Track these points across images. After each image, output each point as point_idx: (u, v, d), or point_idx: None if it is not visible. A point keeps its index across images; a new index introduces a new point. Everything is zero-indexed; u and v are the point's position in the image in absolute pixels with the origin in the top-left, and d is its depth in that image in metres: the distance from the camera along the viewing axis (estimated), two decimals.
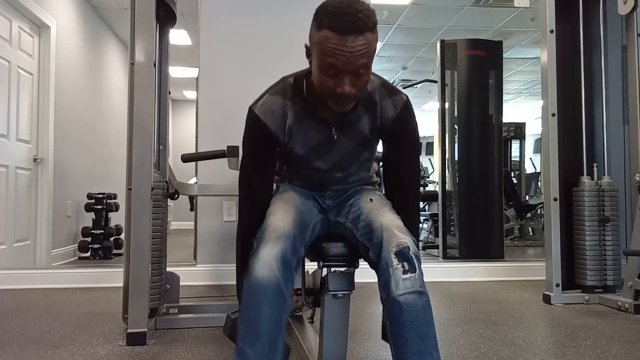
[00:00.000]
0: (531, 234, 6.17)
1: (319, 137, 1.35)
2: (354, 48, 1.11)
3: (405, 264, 1.16)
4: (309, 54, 1.21)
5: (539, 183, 7.13)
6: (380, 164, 1.47)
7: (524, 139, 6.82)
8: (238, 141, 1.33)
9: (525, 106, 11.08)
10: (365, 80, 1.18)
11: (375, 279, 1.21)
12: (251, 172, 1.34)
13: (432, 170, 8.14)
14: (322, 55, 1.14)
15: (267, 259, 1.15)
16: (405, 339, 1.12)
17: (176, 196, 2.30)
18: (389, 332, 1.17)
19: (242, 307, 1.16)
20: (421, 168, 6.87)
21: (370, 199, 1.39)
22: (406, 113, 1.35)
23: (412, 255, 1.17)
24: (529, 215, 6.13)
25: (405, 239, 1.20)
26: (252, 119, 1.31)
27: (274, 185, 1.51)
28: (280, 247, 1.17)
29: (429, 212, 5.71)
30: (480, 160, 4.04)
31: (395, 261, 1.17)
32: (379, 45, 6.95)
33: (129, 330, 1.92)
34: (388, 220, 1.26)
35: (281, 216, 1.26)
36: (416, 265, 1.17)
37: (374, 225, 1.26)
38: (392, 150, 1.38)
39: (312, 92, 1.29)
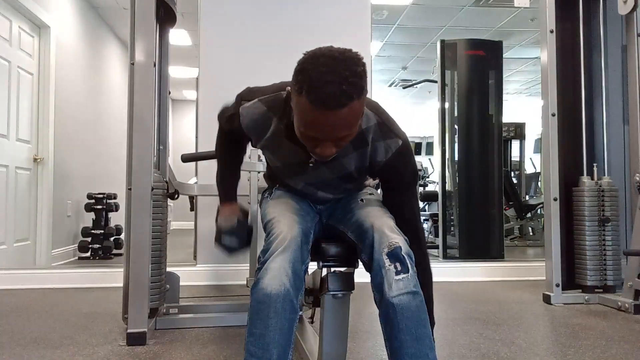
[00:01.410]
0: (531, 234, 6.16)
1: (295, 159, 1.28)
2: (335, 122, 1.00)
3: (398, 264, 1.15)
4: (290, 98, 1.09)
5: (539, 183, 7.12)
6: None
7: (524, 139, 6.81)
8: None
9: (525, 106, 11.06)
10: (349, 140, 1.09)
11: None
12: (223, 135, 1.47)
13: (432, 170, 8.13)
14: (301, 122, 1.05)
15: (275, 271, 1.12)
16: (401, 341, 1.11)
17: (176, 196, 2.30)
18: (384, 334, 1.16)
19: (250, 320, 1.13)
20: (421, 168, 6.89)
21: (362, 199, 1.38)
22: (397, 161, 1.23)
23: (404, 255, 1.16)
24: (529, 215, 6.12)
25: (397, 238, 1.18)
26: (235, 112, 1.28)
27: (267, 188, 1.51)
28: (289, 257, 1.14)
29: (429, 212, 5.71)
30: (480, 160, 4.04)
31: (387, 262, 1.15)
32: (379, 45, 6.95)
33: (129, 330, 1.92)
34: (379, 220, 1.24)
35: (286, 224, 1.22)
36: (409, 265, 1.15)
37: (365, 226, 1.24)
38: (387, 189, 1.33)
39: None
